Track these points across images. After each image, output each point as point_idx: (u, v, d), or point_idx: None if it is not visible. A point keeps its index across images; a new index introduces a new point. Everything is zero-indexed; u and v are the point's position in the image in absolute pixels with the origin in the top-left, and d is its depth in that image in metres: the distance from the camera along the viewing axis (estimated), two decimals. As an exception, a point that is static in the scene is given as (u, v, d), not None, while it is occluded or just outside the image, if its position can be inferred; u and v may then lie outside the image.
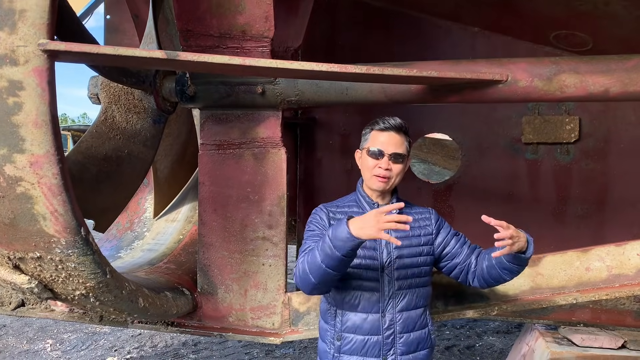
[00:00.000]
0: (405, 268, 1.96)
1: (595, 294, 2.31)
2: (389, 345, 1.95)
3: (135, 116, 2.66)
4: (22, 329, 5.42)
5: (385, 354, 1.94)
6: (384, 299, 1.95)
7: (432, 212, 2.09)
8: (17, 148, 1.64)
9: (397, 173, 1.97)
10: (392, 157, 1.95)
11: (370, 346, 1.95)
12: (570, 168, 3.52)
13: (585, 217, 3.48)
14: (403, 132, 1.99)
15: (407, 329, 1.96)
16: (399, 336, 1.95)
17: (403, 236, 1.93)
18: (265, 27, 2.38)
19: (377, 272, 1.95)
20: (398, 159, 1.95)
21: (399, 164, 1.96)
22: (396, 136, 1.96)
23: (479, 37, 3.60)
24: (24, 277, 1.95)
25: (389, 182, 1.97)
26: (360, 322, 1.96)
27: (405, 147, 1.99)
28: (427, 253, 2.01)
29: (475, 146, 3.70)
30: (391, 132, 1.97)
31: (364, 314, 1.96)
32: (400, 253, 1.96)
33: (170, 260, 2.99)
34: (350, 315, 1.97)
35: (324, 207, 2.07)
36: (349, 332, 1.98)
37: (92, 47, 1.67)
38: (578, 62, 2.26)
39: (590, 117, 3.49)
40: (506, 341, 5.26)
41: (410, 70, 2.15)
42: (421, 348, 1.99)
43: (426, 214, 2.07)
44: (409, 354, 1.96)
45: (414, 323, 1.98)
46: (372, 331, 1.95)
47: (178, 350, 4.96)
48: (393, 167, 1.95)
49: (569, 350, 3.08)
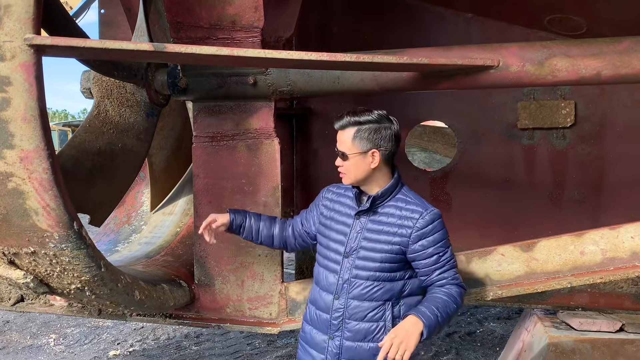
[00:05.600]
0: (368, 260, 1.97)
1: (590, 277, 2.31)
2: (336, 327, 2.01)
3: (128, 110, 2.66)
4: (26, 325, 5.46)
5: (332, 333, 2.02)
6: (340, 283, 2.01)
7: (424, 217, 1.93)
8: (7, 144, 1.65)
9: (348, 169, 1.98)
10: (339, 155, 2.01)
11: (321, 322, 2.06)
12: (566, 153, 3.51)
13: (582, 202, 3.48)
14: (352, 126, 1.96)
15: (356, 317, 1.98)
16: (347, 321, 1.99)
17: (376, 228, 1.98)
18: (255, 17, 2.37)
19: (340, 256, 2.02)
20: (343, 156, 1.99)
21: (345, 160, 1.98)
22: (342, 133, 1.99)
23: (473, 22, 3.58)
24: (19, 272, 1.96)
25: (347, 177, 2.01)
26: (318, 297, 2.09)
27: (350, 143, 1.95)
28: (396, 252, 1.94)
29: (471, 133, 3.69)
30: (339, 131, 2.01)
31: (322, 291, 2.07)
32: (365, 244, 1.98)
33: (168, 253, 3.00)
34: (315, 288, 2.12)
35: (330, 190, 2.20)
36: (310, 302, 2.15)
37: (78, 41, 1.67)
38: (569, 46, 2.25)
39: (586, 101, 3.48)
40: (507, 327, 5.28)
41: (400, 58, 2.14)
42: (368, 340, 1.97)
43: (415, 215, 1.94)
44: (354, 341, 1.98)
45: (365, 314, 1.97)
46: (324, 309, 2.05)
47: (180, 342, 4.99)
48: (343, 163, 2.00)
49: (567, 334, 3.09)
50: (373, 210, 2.00)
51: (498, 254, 2.43)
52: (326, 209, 2.14)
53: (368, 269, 1.97)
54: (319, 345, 2.05)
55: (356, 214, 2.02)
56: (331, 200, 2.14)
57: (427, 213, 1.94)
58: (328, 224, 2.10)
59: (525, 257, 2.39)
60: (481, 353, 4.71)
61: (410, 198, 2.01)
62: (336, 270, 2.02)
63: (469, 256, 2.46)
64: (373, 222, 1.98)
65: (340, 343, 2.00)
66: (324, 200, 2.17)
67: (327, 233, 2.10)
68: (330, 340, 2.02)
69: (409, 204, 1.98)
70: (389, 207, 1.99)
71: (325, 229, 2.11)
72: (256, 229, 2.25)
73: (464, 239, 3.76)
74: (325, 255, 2.08)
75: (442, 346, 4.85)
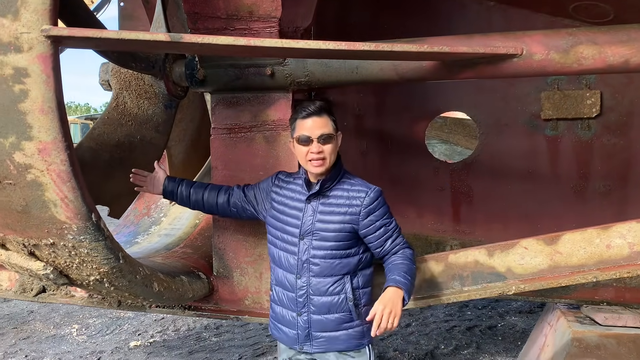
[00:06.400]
0: (323, 240, 2.12)
1: (616, 272, 2.25)
2: (302, 304, 2.16)
3: (147, 102, 2.66)
4: (49, 315, 5.55)
5: (299, 310, 2.17)
6: (300, 262, 2.15)
7: (369, 195, 2.12)
8: (25, 135, 1.64)
9: (330, 152, 2.10)
10: (320, 140, 2.08)
11: (288, 300, 2.20)
12: (591, 144, 3.42)
13: (608, 194, 3.39)
14: (325, 113, 2.10)
15: (319, 293, 2.14)
16: (311, 297, 2.15)
17: (327, 210, 2.13)
18: (272, 7, 2.35)
19: (297, 239, 2.16)
20: (327, 140, 2.09)
21: (329, 143, 2.09)
22: (318, 119, 2.08)
23: (495, 11, 3.49)
24: (39, 263, 1.97)
25: (325, 163, 2.10)
26: (283, 278, 2.22)
27: (330, 126, 2.10)
28: (348, 230, 2.11)
29: (493, 123, 3.62)
30: (313, 117, 2.08)
31: (285, 272, 2.20)
32: (319, 226, 2.13)
33: (187, 245, 3.01)
34: (278, 270, 2.24)
35: (279, 177, 2.32)
36: (275, 284, 2.27)
37: (95, 32, 1.66)
38: (596, 33, 2.18)
39: (613, 90, 3.38)
40: (529, 321, 5.20)
41: (421, 46, 2.10)
42: (333, 312, 2.14)
43: (361, 194, 2.12)
44: (320, 315, 2.15)
45: (327, 288, 2.13)
46: (289, 288, 2.19)
47: (200, 333, 5.03)
48: (324, 148, 2.08)
49: (591, 329, 3.02)
50: (322, 194, 2.15)
51: (521, 247, 2.38)
52: (277, 195, 2.27)
53: (324, 248, 2.12)
54: (290, 322, 2.21)
55: (307, 199, 2.16)
56: (281, 187, 2.27)
57: (372, 191, 2.13)
58: (281, 209, 2.23)
59: (549, 251, 2.34)
60: (502, 347, 4.65)
61: (354, 181, 2.18)
62: (294, 252, 2.17)
63: (490, 249, 2.41)
64: (324, 205, 2.14)
65: (308, 318, 2.16)
66: (274, 187, 2.29)
67: (281, 218, 2.22)
68: (298, 316, 2.18)
69: (354, 185, 2.16)
70: (337, 189, 2.15)
71: (278, 214, 2.24)
72: (187, 194, 2.41)
73: (485, 232, 3.71)
74: (282, 239, 2.21)
75: (462, 340, 4.80)
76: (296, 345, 2.21)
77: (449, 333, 4.97)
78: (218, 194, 2.40)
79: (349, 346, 2.17)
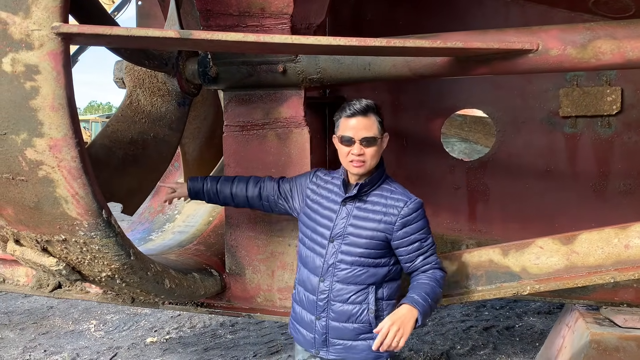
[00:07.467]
0: (353, 245, 2.04)
1: (635, 272, 2.20)
2: (322, 308, 2.08)
3: (160, 99, 2.67)
4: (68, 311, 5.62)
5: (318, 314, 2.09)
6: (325, 265, 2.07)
7: (408, 205, 2.02)
8: (37, 132, 1.66)
9: (372, 156, 2.01)
10: (363, 142, 1.99)
11: (308, 302, 2.13)
12: (611, 142, 3.34)
13: (628, 193, 3.31)
14: (372, 113, 2.00)
15: (340, 300, 2.05)
16: (332, 303, 2.06)
17: (362, 215, 2.04)
18: (284, 4, 2.33)
19: (326, 240, 2.08)
20: (370, 143, 2.00)
21: (372, 147, 2.00)
22: (363, 120, 1.99)
23: (512, 7, 3.44)
24: (52, 259, 1.99)
25: (365, 166, 2.02)
26: (306, 278, 2.14)
27: (375, 128, 2.00)
28: (381, 239, 2.02)
29: (511, 121, 3.56)
30: (358, 117, 1.99)
31: (310, 272, 2.13)
32: (351, 230, 2.04)
33: (200, 242, 3.02)
34: (303, 270, 2.17)
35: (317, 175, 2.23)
36: (298, 283, 2.20)
37: (105, 29, 1.67)
38: (615, 27, 2.12)
39: (634, 87, 3.29)
40: (547, 322, 5.12)
41: (433, 42, 2.06)
42: (351, 321, 2.05)
43: (400, 204, 2.02)
44: (339, 322, 2.06)
45: (349, 296, 2.04)
46: (311, 290, 2.12)
47: (216, 330, 5.05)
48: (366, 151, 2.00)
49: (610, 331, 2.95)
50: (359, 198, 2.07)
51: (536, 246, 2.34)
52: (312, 193, 2.19)
53: (353, 254, 2.03)
54: (308, 325, 2.14)
55: (342, 201, 2.08)
56: (318, 186, 2.19)
57: (411, 202, 2.03)
58: (315, 208, 2.16)
59: (565, 250, 2.29)
60: (519, 348, 4.58)
61: (394, 188, 2.08)
62: (322, 254, 2.09)
63: (505, 249, 2.37)
64: (359, 209, 2.05)
65: (327, 323, 2.08)
66: (311, 184, 2.22)
67: (313, 217, 2.15)
68: (317, 320, 2.10)
69: (393, 193, 2.06)
70: (375, 195, 2.06)
71: (311, 213, 2.16)
72: (214, 192, 2.36)
73: (502, 231, 3.66)
74: (311, 239, 2.14)
75: (479, 340, 4.74)
76: (312, 349, 2.14)
77: (466, 333, 4.91)
78: (247, 187, 2.33)
79: (366, 358, 2.06)
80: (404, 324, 1.86)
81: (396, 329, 1.85)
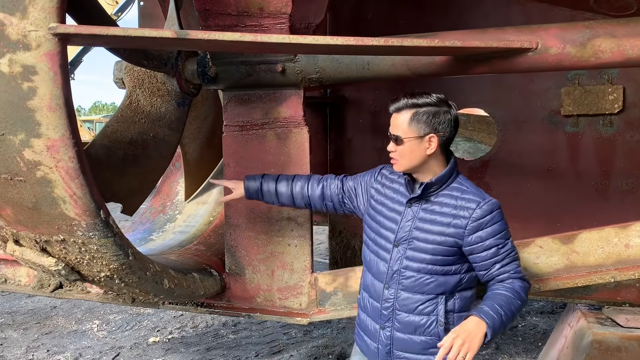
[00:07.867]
0: (419, 251, 1.88)
1: (635, 272, 2.19)
2: (386, 317, 1.95)
3: (159, 99, 2.67)
4: (71, 310, 5.64)
5: (383, 323, 1.96)
6: (390, 271, 1.93)
7: (482, 207, 1.81)
8: (34, 132, 1.66)
9: (402, 154, 1.87)
10: (392, 139, 1.90)
11: (372, 309, 2.00)
12: (613, 140, 3.33)
13: (630, 192, 3.30)
14: (408, 110, 1.85)
15: (406, 310, 1.90)
16: (397, 312, 1.92)
17: (428, 217, 1.88)
18: (282, 3, 2.33)
19: (390, 244, 1.93)
20: (397, 141, 1.88)
21: (399, 145, 1.87)
22: (397, 116, 1.88)
23: (514, 5, 3.43)
24: (51, 259, 2.00)
25: (399, 164, 1.90)
26: (370, 284, 2.02)
27: (405, 127, 1.85)
28: (450, 244, 1.84)
29: (512, 120, 3.55)
30: (394, 114, 1.90)
31: (374, 278, 2.00)
32: (417, 234, 1.88)
33: (200, 242, 3.02)
34: (367, 274, 2.05)
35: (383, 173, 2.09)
36: (363, 288, 2.08)
37: (101, 29, 1.67)
38: (615, 25, 2.11)
39: (636, 85, 3.28)
40: (550, 322, 5.10)
41: (431, 41, 2.06)
42: (418, 333, 1.90)
43: (471, 205, 1.82)
44: (404, 334, 1.91)
45: (416, 306, 1.89)
46: (375, 297, 1.99)
47: (218, 330, 5.05)
48: (397, 149, 1.89)
49: (612, 331, 2.94)
50: (426, 199, 1.90)
51: (536, 246, 2.33)
52: (377, 193, 2.05)
53: (419, 261, 1.87)
54: (372, 334, 2.01)
55: (407, 202, 1.92)
56: (383, 185, 2.05)
57: (485, 203, 1.82)
58: (379, 209, 2.01)
59: (565, 250, 2.28)
60: (522, 348, 4.57)
61: (466, 187, 1.89)
62: (386, 258, 1.94)
63: (505, 248, 2.35)
64: (425, 212, 1.88)
65: (391, 334, 1.94)
66: (376, 183, 2.07)
67: (378, 218, 2.01)
68: (381, 330, 1.96)
69: (465, 193, 1.86)
70: (443, 196, 1.88)
71: (376, 214, 2.02)
72: (273, 192, 2.26)
73: (503, 231, 3.64)
74: (375, 242, 2.00)
75: (481, 340, 4.73)
76: (375, 359, 2.00)
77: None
78: (309, 187, 2.22)
79: None
80: (470, 338, 1.67)
81: (460, 342, 1.66)
